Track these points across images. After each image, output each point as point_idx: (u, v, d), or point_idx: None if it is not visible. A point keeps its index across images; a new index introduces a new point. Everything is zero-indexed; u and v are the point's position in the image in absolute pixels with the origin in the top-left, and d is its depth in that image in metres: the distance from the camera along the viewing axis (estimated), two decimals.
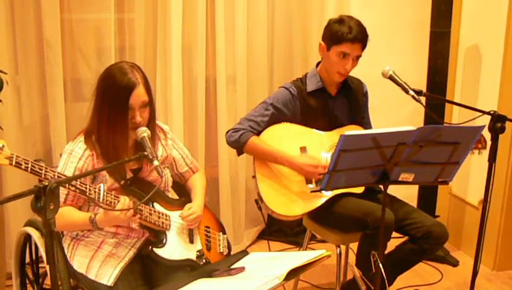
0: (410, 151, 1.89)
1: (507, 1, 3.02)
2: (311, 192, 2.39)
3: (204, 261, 2.12)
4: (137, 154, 1.85)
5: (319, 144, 2.49)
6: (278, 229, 3.66)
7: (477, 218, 2.38)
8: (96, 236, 2.04)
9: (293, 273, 1.65)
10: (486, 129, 2.11)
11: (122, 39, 3.13)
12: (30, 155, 3.00)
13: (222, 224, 2.37)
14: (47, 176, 1.71)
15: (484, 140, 2.33)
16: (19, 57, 2.94)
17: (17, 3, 2.87)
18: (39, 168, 1.70)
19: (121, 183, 2.00)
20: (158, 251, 2.01)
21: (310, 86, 2.53)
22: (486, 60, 3.27)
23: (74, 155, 1.97)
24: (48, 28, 2.88)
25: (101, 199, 1.84)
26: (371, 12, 3.46)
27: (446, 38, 3.35)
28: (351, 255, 2.83)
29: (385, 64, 2.33)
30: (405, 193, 2.80)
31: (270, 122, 2.48)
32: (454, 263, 3.34)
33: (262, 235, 3.70)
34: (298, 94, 2.50)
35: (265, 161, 2.45)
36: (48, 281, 1.84)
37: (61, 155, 2.03)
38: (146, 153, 1.85)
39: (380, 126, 2.38)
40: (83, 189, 1.81)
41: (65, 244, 2.07)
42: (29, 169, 1.68)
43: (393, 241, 2.39)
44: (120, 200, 1.89)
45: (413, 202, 3.47)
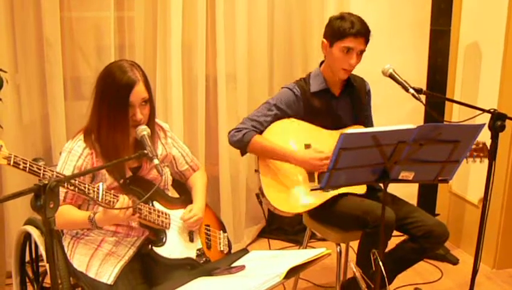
0: (410, 149, 1.89)
1: None
2: (311, 190, 2.39)
3: (204, 259, 2.12)
4: (137, 152, 1.85)
5: (324, 142, 2.47)
6: (278, 227, 3.66)
7: (477, 216, 2.38)
8: (96, 235, 2.04)
9: (293, 271, 1.64)
10: (486, 128, 2.11)
11: (122, 37, 3.12)
12: (30, 153, 3.01)
13: (222, 222, 2.37)
14: (45, 176, 1.71)
15: (486, 149, 2.33)
16: (19, 56, 2.94)
17: (17, 1, 2.87)
18: (37, 167, 1.70)
19: (120, 182, 2.00)
20: (158, 250, 2.01)
21: (314, 86, 2.51)
22: (486, 58, 3.27)
23: (73, 154, 1.97)
24: (48, 27, 2.88)
25: (100, 198, 1.84)
26: (371, 10, 3.45)
27: (446, 36, 3.35)
28: (351, 253, 2.83)
29: (385, 62, 2.32)
30: (405, 192, 2.79)
31: (273, 122, 2.47)
32: (454, 261, 3.34)
33: (262, 233, 3.70)
34: (302, 95, 2.48)
35: None
36: (48, 279, 1.84)
37: (60, 153, 2.03)
38: (146, 152, 1.85)
39: (380, 124, 2.38)
40: (82, 188, 1.80)
41: (65, 242, 2.07)
42: (27, 169, 1.68)
43: (393, 239, 2.39)
44: (119, 199, 1.89)
45: (413, 201, 3.46)
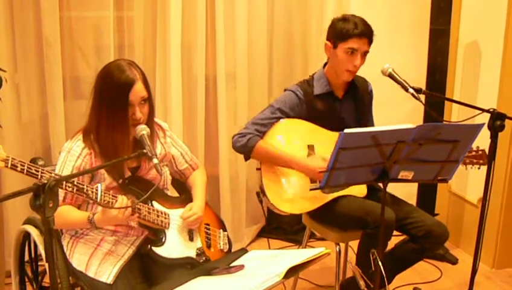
0: (409, 149, 1.89)
1: None
2: (310, 190, 2.39)
3: (204, 259, 2.12)
4: (136, 152, 1.84)
5: (328, 144, 2.45)
6: (277, 226, 3.66)
7: (476, 216, 2.37)
8: (95, 234, 2.04)
9: (293, 271, 1.65)
10: (485, 128, 2.11)
11: (121, 37, 3.12)
12: (29, 153, 3.01)
13: (223, 221, 2.36)
14: (43, 178, 1.70)
15: (485, 155, 2.33)
16: (18, 55, 2.93)
17: (16, 1, 2.87)
18: (35, 169, 1.70)
19: (119, 182, 2.00)
20: (157, 250, 2.01)
21: (318, 89, 2.49)
22: (485, 58, 3.27)
23: (72, 154, 1.97)
24: (47, 26, 2.87)
25: (99, 199, 1.84)
26: (371, 9, 3.44)
27: (446, 35, 3.34)
28: (351, 253, 2.83)
29: (384, 62, 2.32)
30: (404, 191, 2.79)
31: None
32: (453, 261, 3.34)
33: (261, 233, 3.70)
34: (305, 97, 2.46)
35: None
36: (47, 279, 1.84)
37: (60, 153, 2.03)
38: (145, 151, 1.84)
39: (380, 124, 2.38)
40: (81, 189, 1.80)
41: (64, 242, 2.07)
42: (25, 171, 1.68)
43: (393, 239, 2.39)
44: (118, 199, 1.88)
45: (412, 200, 3.46)
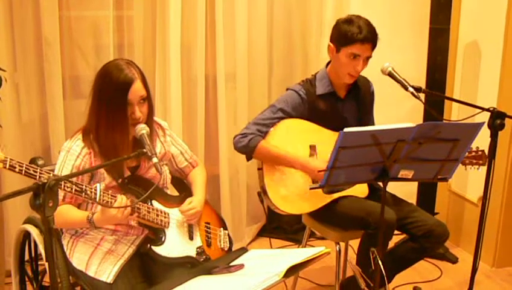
0: (409, 148, 1.89)
1: None
2: (310, 189, 2.38)
3: (204, 257, 2.12)
4: (136, 151, 1.84)
5: (329, 144, 2.44)
6: (277, 226, 3.66)
7: (476, 215, 2.38)
8: (95, 233, 2.04)
9: (293, 270, 1.64)
10: (485, 127, 2.11)
11: (121, 36, 3.12)
12: (29, 152, 3.00)
13: (223, 219, 2.36)
14: (42, 179, 1.70)
15: (485, 156, 2.33)
16: (18, 54, 2.93)
17: (15, 0, 2.86)
18: (34, 170, 1.70)
19: (119, 181, 2.00)
20: (156, 249, 2.01)
21: (320, 89, 2.48)
22: (485, 57, 3.27)
23: (72, 153, 1.96)
24: (47, 26, 2.87)
25: (98, 199, 1.84)
26: (371, 8, 3.44)
27: (445, 34, 3.34)
28: (351, 252, 2.83)
29: (384, 60, 2.32)
30: (404, 190, 2.80)
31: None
32: (453, 260, 3.34)
33: (261, 232, 3.70)
34: (308, 97, 2.45)
35: None
36: (47, 278, 1.84)
37: (59, 152, 2.02)
38: (145, 151, 1.84)
39: (380, 123, 2.38)
40: (80, 189, 1.80)
41: (64, 241, 2.07)
42: (23, 172, 1.68)
43: (393, 238, 2.38)
44: (117, 199, 1.88)
45: (412, 199, 3.46)
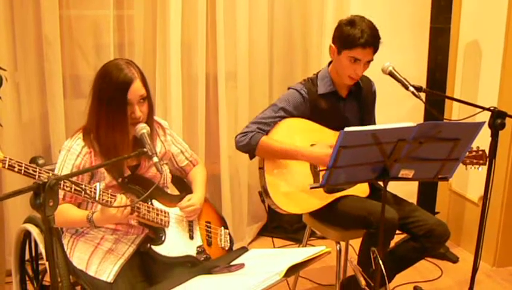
0: (410, 147, 1.88)
1: None
2: (310, 188, 2.37)
3: (204, 257, 2.12)
4: (136, 151, 1.84)
5: (330, 143, 2.45)
6: (278, 225, 3.66)
7: (477, 214, 2.37)
8: (95, 233, 2.04)
9: (293, 269, 1.64)
10: (486, 126, 2.11)
11: (121, 36, 3.12)
12: (29, 152, 3.01)
13: (224, 218, 2.36)
14: (41, 178, 1.70)
15: (485, 156, 2.33)
16: (18, 54, 2.93)
17: (16, 0, 2.86)
18: (33, 170, 1.70)
19: (119, 180, 2.00)
20: (156, 249, 2.01)
21: (322, 88, 2.47)
22: (486, 56, 3.27)
23: (72, 152, 1.96)
24: (47, 25, 2.87)
25: (97, 198, 1.84)
26: (371, 8, 3.43)
27: (446, 34, 3.34)
28: (351, 251, 2.83)
29: (385, 60, 2.32)
30: (405, 190, 2.79)
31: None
32: (454, 260, 3.34)
33: (262, 231, 3.70)
34: (309, 96, 2.45)
35: None
36: (48, 277, 1.84)
37: (60, 152, 2.03)
38: (145, 150, 1.84)
39: (380, 122, 2.38)
40: (79, 189, 1.80)
41: (65, 240, 2.07)
42: (22, 171, 1.68)
43: (394, 237, 2.38)
44: (117, 198, 1.88)
45: (413, 199, 3.46)
